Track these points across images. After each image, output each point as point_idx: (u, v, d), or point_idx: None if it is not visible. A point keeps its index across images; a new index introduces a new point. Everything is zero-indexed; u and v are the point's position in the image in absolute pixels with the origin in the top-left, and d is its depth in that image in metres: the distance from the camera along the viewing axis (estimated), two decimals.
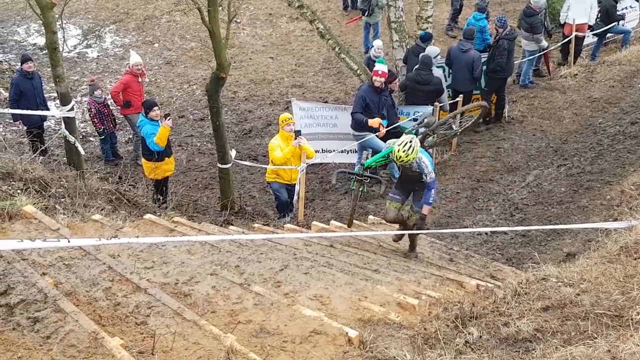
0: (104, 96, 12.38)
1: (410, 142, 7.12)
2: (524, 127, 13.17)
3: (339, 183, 11.73)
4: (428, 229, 7.66)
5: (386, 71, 10.99)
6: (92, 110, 12.04)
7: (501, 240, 9.52)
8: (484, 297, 5.25)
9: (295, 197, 10.40)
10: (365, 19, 17.06)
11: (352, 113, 10.92)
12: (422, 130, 9.06)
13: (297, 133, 9.99)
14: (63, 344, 3.90)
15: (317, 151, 11.75)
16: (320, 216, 10.74)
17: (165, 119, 9.87)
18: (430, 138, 9.16)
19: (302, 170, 10.21)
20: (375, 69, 10.93)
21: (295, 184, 10.31)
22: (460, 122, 10.29)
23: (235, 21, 10.86)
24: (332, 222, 9.53)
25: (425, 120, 8.98)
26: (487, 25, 14.42)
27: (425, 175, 7.37)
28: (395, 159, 7.21)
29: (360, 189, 8.19)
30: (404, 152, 7.07)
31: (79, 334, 3.99)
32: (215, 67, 10.27)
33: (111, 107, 12.77)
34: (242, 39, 18.47)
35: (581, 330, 3.95)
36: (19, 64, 12.18)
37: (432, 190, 7.46)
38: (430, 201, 7.51)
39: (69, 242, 3.38)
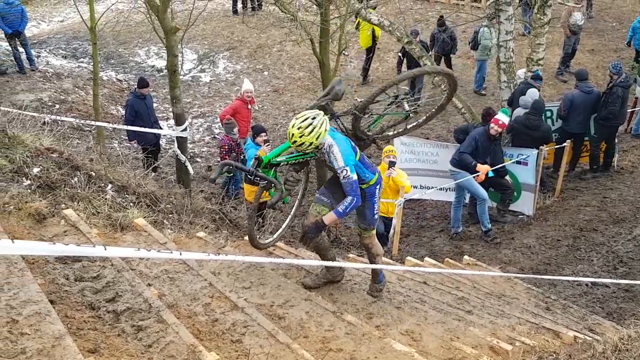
0: (238, 135, 12.40)
1: (313, 118, 5.11)
2: (634, 177, 12.71)
3: (220, 178, 9.85)
4: (316, 243, 5.85)
5: (506, 123, 10.73)
6: (226, 147, 12.00)
7: (602, 293, 9.19)
8: (581, 349, 5.12)
9: (391, 231, 10.43)
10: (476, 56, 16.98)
11: (460, 152, 10.81)
12: (344, 110, 6.25)
13: (390, 164, 10.04)
14: (163, 354, 4.07)
15: (415, 187, 11.77)
16: (414, 252, 10.70)
17: (265, 144, 10.15)
18: (365, 122, 6.23)
19: (400, 205, 10.23)
20: (496, 117, 10.69)
21: (392, 218, 10.35)
22: (413, 101, 6.62)
23: (344, 53, 11.06)
24: (427, 259, 9.49)
25: (334, 90, 5.89)
26: None
27: (338, 172, 5.31)
28: (289, 139, 5.24)
29: (269, 192, 5.87)
30: (298, 129, 5.07)
31: (179, 345, 4.15)
32: None
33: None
34: (349, 71, 18.75)
35: None
36: (136, 84, 12.71)
37: (348, 199, 5.31)
38: (339, 210, 5.37)
39: (180, 254, 3.55)
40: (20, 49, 16.94)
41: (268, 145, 10.34)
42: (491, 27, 15.39)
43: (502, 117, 10.63)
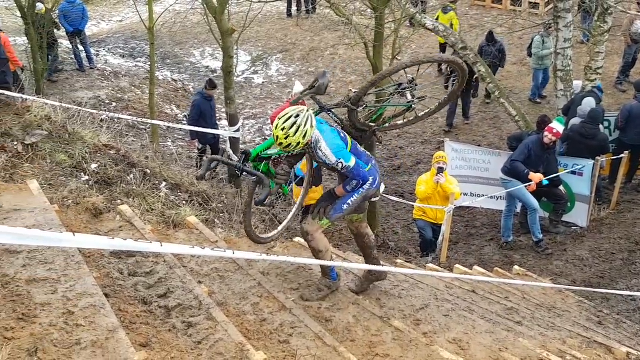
0: None
1: (297, 116, 4.72)
2: None
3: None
4: (327, 216, 5.28)
5: (561, 132, 10.52)
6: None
7: None
8: None
9: (440, 238, 10.36)
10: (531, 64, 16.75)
11: (512, 160, 10.66)
12: (332, 102, 5.83)
13: (439, 170, 9.98)
14: (212, 351, 4.13)
15: (465, 194, 11.68)
16: (462, 260, 10.61)
17: None
18: (365, 113, 5.73)
19: (449, 212, 10.17)
20: (551, 125, 10.51)
21: (441, 224, 10.29)
22: (413, 89, 5.93)
23: (397, 58, 11.04)
24: (476, 267, 9.40)
25: (318, 83, 5.40)
26: None
27: (334, 167, 5.02)
28: (275, 142, 4.89)
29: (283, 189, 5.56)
30: (282, 131, 4.68)
31: (227, 343, 4.20)
32: (374, 102, 10.50)
33: None
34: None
35: None
36: (203, 85, 12.75)
37: (354, 182, 5.10)
38: (347, 187, 5.16)
39: (233, 253, 3.61)
40: (80, 48, 17.34)
41: None
42: (546, 36, 15.19)
43: (557, 126, 10.46)
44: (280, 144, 4.75)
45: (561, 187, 11.05)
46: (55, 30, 16.42)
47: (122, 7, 26.24)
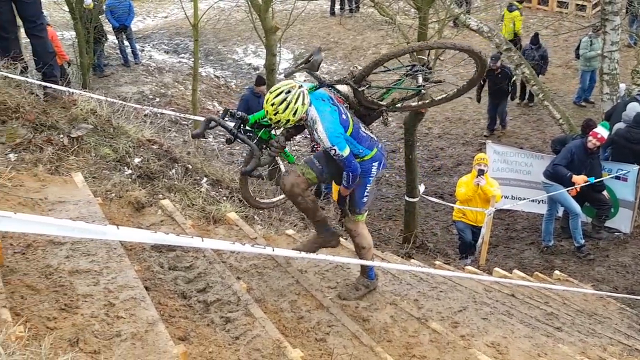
0: None
1: (287, 92, 4.59)
2: None
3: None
4: (357, 211, 5.18)
5: (605, 137, 10.34)
6: (319, 145, 12.06)
7: None
8: None
9: (480, 240, 10.28)
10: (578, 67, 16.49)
11: (555, 164, 10.51)
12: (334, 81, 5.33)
13: (480, 172, 9.90)
14: (249, 347, 4.15)
15: (506, 197, 11.56)
16: (502, 263, 10.51)
17: None
18: (374, 92, 5.37)
19: (490, 214, 10.08)
20: (595, 130, 10.34)
21: (481, 227, 10.20)
22: (426, 73, 5.57)
23: (440, 59, 10.97)
24: (515, 271, 9.30)
25: (313, 59, 5.04)
26: None
27: (328, 150, 4.83)
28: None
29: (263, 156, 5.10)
30: (272, 106, 4.59)
31: (265, 339, 4.22)
32: None
33: None
34: (443, 76, 18.55)
35: None
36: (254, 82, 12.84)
37: (345, 172, 4.92)
38: (344, 184, 5.02)
39: (272, 250, 3.62)
40: (126, 43, 17.60)
41: None
42: (594, 37, 14.95)
43: (602, 131, 10.29)
44: (270, 119, 4.68)
45: (604, 192, 10.87)
46: None
47: (168, 3, 26.54)
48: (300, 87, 4.69)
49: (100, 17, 16.46)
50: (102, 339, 3.53)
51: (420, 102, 5.86)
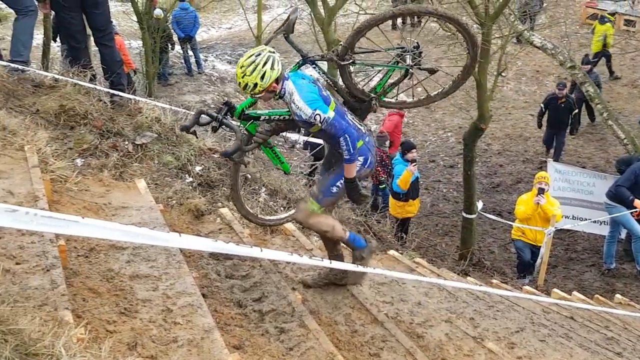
0: (388, 148, 12.43)
1: (257, 55, 4.35)
2: None
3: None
4: (316, 199, 4.77)
5: None
6: (378, 158, 11.97)
7: None
8: None
9: (538, 260, 10.11)
10: None
11: (617, 185, 10.27)
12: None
13: (540, 191, 9.75)
14: (303, 358, 4.16)
15: (567, 217, 11.36)
16: (561, 284, 10.31)
17: (411, 164, 10.18)
18: (349, 74, 4.97)
19: (549, 234, 9.90)
20: None
21: (540, 246, 10.03)
22: (416, 55, 5.09)
23: (502, 75, 10.87)
24: (575, 293, 9.11)
25: (289, 19, 4.84)
26: None
27: (313, 122, 4.44)
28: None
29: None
30: (241, 68, 4.36)
31: (318, 352, 4.23)
32: (475, 118, 10.38)
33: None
34: (504, 92, 18.37)
35: None
36: None
37: (341, 139, 4.45)
38: (346, 157, 4.51)
39: (330, 263, 3.64)
40: (190, 53, 17.92)
41: (415, 165, 10.36)
42: None
43: None
44: (239, 83, 4.42)
45: None
46: None
47: (232, 14, 26.93)
48: (273, 52, 4.42)
49: (167, 27, 16.82)
50: (159, 344, 3.59)
51: (415, 99, 5.58)
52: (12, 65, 7.06)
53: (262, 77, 4.34)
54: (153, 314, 3.87)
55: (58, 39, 12.11)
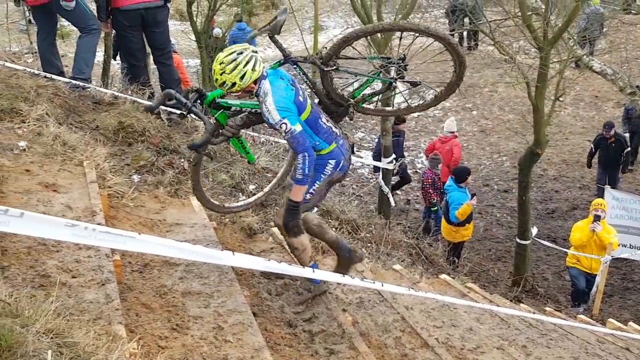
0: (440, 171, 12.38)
1: (240, 53, 4.29)
2: None
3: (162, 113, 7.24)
4: (300, 225, 4.66)
5: None
6: (429, 180, 12.02)
7: None
8: None
9: (594, 289, 9.88)
10: None
11: None
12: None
13: (596, 218, 9.54)
14: None
15: (624, 245, 11.08)
16: (617, 314, 10.04)
17: (472, 198, 10.14)
18: (331, 80, 4.90)
19: (606, 262, 9.68)
20: None
21: (595, 275, 9.81)
22: (401, 68, 5.14)
23: (560, 99, 10.72)
24: (631, 323, 8.86)
25: (276, 20, 4.81)
26: None
27: (277, 127, 4.35)
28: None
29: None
30: (220, 65, 4.28)
31: None
32: (531, 142, 10.25)
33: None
34: (562, 117, 18.08)
35: None
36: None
37: (299, 158, 4.34)
38: (297, 177, 4.39)
39: (382, 285, 3.62)
40: None
41: (475, 198, 10.35)
42: None
43: None
44: (216, 80, 4.32)
45: None
46: None
47: (288, 35, 27.17)
48: (255, 52, 4.37)
49: (225, 46, 17.09)
50: None
51: (395, 108, 5.53)
52: (74, 82, 7.26)
53: (242, 78, 4.29)
54: (204, 331, 3.91)
55: (118, 57, 12.43)
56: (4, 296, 3.06)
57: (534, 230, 10.95)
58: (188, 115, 4.70)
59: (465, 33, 21.62)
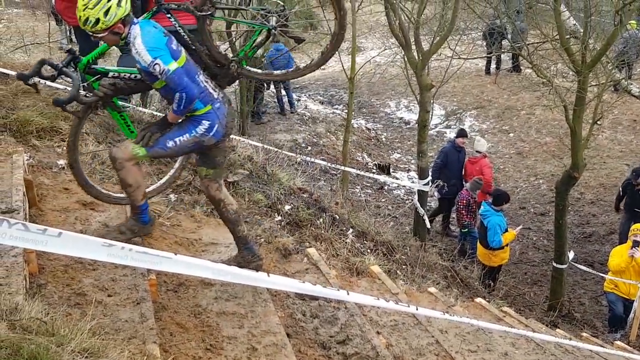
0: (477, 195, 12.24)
1: None
2: None
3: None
4: (147, 145, 4.36)
5: None
6: (464, 202, 11.92)
7: None
8: None
9: (631, 315, 9.71)
10: None
11: None
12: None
13: (635, 244, 9.40)
14: None
15: None
16: None
17: (518, 226, 10.20)
18: (209, 32, 4.57)
19: None
20: None
21: (633, 300, 9.65)
22: (281, 18, 4.73)
23: (597, 123, 10.64)
24: None
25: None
26: None
27: (152, 72, 4.10)
28: None
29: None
30: (83, 1, 4.00)
31: None
32: (569, 166, 10.18)
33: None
34: (599, 141, 17.87)
35: None
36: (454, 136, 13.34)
37: (176, 94, 4.11)
38: (174, 108, 4.20)
39: (417, 309, 3.63)
40: (283, 92, 18.30)
41: (522, 226, 10.39)
42: None
43: None
44: (80, 17, 4.01)
45: None
46: None
47: None
48: None
49: (262, 67, 17.25)
50: None
51: (284, 71, 5.24)
52: None
53: (106, 13, 4.01)
54: (238, 352, 3.94)
55: None
56: (40, 314, 3.12)
57: (571, 254, 10.83)
58: (59, 77, 4.48)
59: (508, 55, 21.52)
